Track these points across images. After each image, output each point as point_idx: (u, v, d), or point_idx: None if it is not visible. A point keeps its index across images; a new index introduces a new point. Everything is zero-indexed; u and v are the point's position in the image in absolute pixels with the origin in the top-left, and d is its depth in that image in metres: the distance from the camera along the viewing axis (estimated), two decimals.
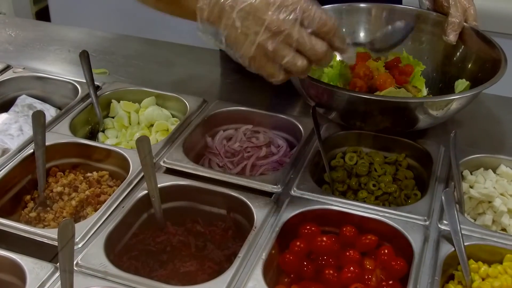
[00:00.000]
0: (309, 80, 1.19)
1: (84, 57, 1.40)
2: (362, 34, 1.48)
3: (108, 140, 1.34)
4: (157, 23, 2.17)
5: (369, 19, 1.48)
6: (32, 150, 1.20)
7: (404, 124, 1.24)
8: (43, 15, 3.38)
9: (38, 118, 1.18)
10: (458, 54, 1.42)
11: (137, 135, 1.32)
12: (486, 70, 1.28)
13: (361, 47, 1.41)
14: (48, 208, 1.17)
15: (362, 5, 1.49)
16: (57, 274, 0.93)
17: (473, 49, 1.37)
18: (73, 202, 1.15)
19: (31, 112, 1.38)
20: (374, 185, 1.22)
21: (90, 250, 0.98)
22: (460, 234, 0.99)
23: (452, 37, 1.33)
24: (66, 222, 0.85)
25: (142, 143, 1.05)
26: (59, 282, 0.91)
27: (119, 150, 1.21)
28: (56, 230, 0.97)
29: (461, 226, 1.01)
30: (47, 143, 1.19)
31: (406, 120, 1.23)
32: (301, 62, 0.97)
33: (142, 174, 1.14)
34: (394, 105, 1.20)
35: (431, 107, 1.19)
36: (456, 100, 1.21)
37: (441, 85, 1.44)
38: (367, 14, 1.49)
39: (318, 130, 1.24)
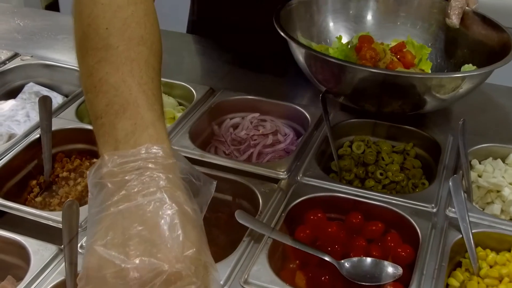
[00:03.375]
0: (320, 56, 1.18)
1: None
2: (369, 18, 1.48)
3: None
4: (162, 14, 2.15)
5: (376, 4, 1.49)
6: (38, 135, 1.20)
7: (414, 104, 1.23)
8: (52, 9, 3.39)
9: (44, 103, 1.18)
10: (463, 39, 1.41)
11: None
12: (495, 54, 1.26)
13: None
14: (54, 193, 1.17)
15: None
16: (62, 256, 0.93)
17: (480, 34, 1.37)
18: (79, 187, 1.15)
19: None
20: (381, 174, 1.21)
21: None
22: (467, 221, 0.98)
23: (455, 19, 1.33)
24: (70, 202, 0.84)
25: None
26: (63, 264, 0.91)
27: None
28: (60, 212, 0.98)
29: (469, 213, 1.00)
30: (53, 129, 1.19)
31: (418, 99, 1.21)
32: None
33: None
34: (410, 81, 1.18)
35: (447, 84, 1.18)
36: (468, 78, 1.20)
37: (446, 70, 1.43)
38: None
39: (327, 116, 1.23)
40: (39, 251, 0.93)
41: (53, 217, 1.00)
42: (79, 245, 0.93)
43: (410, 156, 1.26)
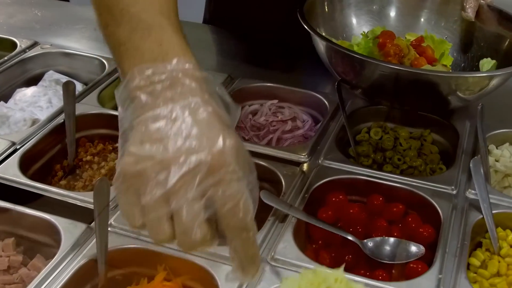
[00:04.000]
0: (359, 57, 1.19)
1: None
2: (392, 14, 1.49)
3: None
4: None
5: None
6: (62, 120, 1.22)
7: (440, 103, 1.24)
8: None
9: (68, 87, 1.20)
10: (480, 33, 1.42)
11: None
12: None
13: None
14: (78, 177, 1.19)
15: None
16: (91, 233, 0.95)
17: (497, 27, 1.38)
18: (103, 171, 1.17)
19: (58, 87, 1.41)
20: (399, 159, 1.23)
21: None
22: (488, 201, 1.00)
23: (470, 12, 1.34)
24: (102, 179, 0.87)
25: None
26: (93, 241, 0.93)
27: None
28: (89, 193, 1.01)
29: (489, 195, 1.02)
30: (76, 114, 1.21)
31: (444, 98, 1.22)
32: (162, 233, 0.66)
33: None
34: (447, 81, 1.18)
35: (480, 81, 1.18)
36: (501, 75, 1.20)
37: (463, 65, 1.44)
38: None
39: (343, 104, 1.25)
40: (69, 229, 0.95)
41: (82, 197, 1.02)
42: (109, 222, 0.96)
43: (427, 142, 1.27)
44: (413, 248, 0.96)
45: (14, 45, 1.52)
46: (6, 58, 1.46)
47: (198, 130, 0.65)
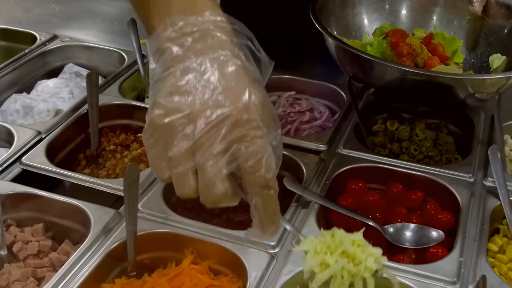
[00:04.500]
0: (375, 60, 1.18)
1: (132, 25, 1.44)
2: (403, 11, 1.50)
3: None
4: None
5: None
6: (85, 111, 1.24)
7: (456, 105, 1.25)
8: None
9: (92, 78, 1.22)
10: (489, 28, 1.42)
11: None
12: None
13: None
14: (101, 166, 1.21)
15: None
16: (120, 218, 0.97)
17: (506, 21, 1.39)
18: (126, 160, 1.20)
19: (79, 79, 1.43)
20: (415, 150, 1.25)
21: (149, 198, 1.02)
22: (506, 188, 1.02)
23: (477, 6, 1.34)
24: (132, 164, 0.89)
25: None
26: (122, 225, 0.96)
27: None
28: (116, 180, 1.03)
29: (507, 182, 1.04)
30: (99, 104, 1.24)
31: (463, 100, 1.21)
32: (187, 187, 0.68)
33: None
34: (458, 83, 1.16)
35: (496, 83, 1.18)
36: None
37: (473, 61, 1.44)
38: None
39: (355, 101, 1.27)
40: (98, 215, 0.98)
41: (109, 184, 1.05)
42: (138, 206, 0.98)
43: (443, 133, 1.30)
44: (433, 234, 0.99)
45: (34, 38, 1.55)
46: (27, 51, 1.49)
47: (225, 84, 0.66)
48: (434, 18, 1.48)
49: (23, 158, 1.11)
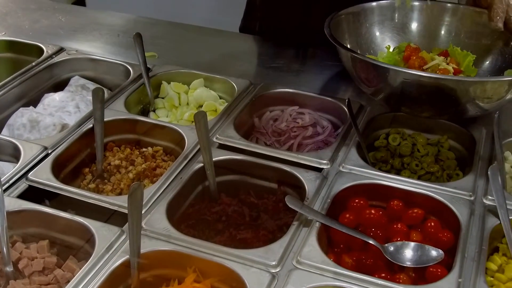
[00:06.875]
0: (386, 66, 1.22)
1: (138, 39, 1.46)
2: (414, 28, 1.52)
3: (159, 119, 1.39)
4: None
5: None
6: (91, 125, 1.26)
7: (458, 111, 1.26)
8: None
9: (98, 94, 1.24)
10: (506, 44, 1.43)
11: (187, 115, 1.38)
12: None
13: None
14: (106, 181, 1.23)
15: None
16: (124, 236, 0.99)
17: None
18: (130, 175, 1.21)
19: (84, 92, 1.45)
20: (417, 165, 1.26)
21: (153, 216, 1.03)
22: (505, 207, 1.03)
23: (499, 23, 1.35)
24: (136, 184, 0.90)
25: (199, 117, 1.11)
26: (126, 243, 0.97)
27: (174, 127, 1.27)
28: (121, 197, 1.05)
29: (506, 201, 1.05)
30: (105, 119, 1.25)
31: (464, 105, 1.23)
32: None
33: (197, 148, 1.19)
34: (459, 86, 1.19)
35: (496, 89, 1.20)
36: None
37: (489, 75, 1.45)
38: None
39: (354, 121, 1.29)
40: (102, 232, 0.99)
41: (113, 201, 1.06)
42: (142, 224, 1.00)
43: (445, 148, 1.31)
44: (433, 253, 1.00)
45: (40, 50, 1.57)
46: (34, 64, 1.50)
47: None
48: (449, 35, 1.49)
49: (29, 174, 1.13)
